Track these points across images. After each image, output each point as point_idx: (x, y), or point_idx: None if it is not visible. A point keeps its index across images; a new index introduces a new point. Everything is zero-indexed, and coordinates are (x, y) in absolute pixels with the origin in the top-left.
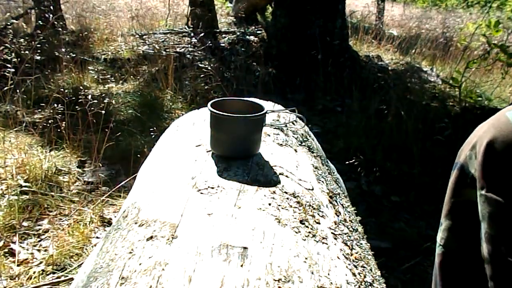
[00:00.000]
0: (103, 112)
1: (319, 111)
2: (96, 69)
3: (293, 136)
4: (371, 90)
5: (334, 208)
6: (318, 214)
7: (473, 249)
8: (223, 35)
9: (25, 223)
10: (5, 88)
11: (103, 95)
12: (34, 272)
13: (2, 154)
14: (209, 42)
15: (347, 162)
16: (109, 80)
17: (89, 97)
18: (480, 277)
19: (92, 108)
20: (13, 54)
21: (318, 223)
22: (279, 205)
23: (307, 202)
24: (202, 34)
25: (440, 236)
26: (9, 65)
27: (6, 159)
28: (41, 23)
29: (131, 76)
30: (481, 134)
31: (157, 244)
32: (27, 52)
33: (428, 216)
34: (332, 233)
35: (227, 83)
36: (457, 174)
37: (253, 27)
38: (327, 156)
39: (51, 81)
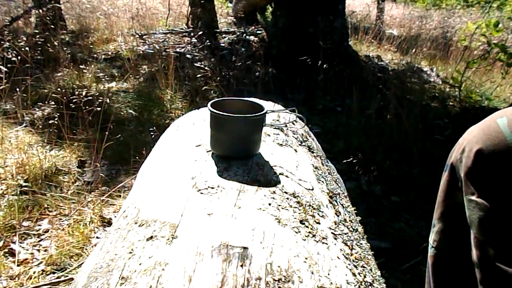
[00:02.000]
0: (103, 111)
1: (319, 111)
2: (96, 69)
3: (293, 136)
4: (371, 90)
5: (334, 208)
6: (318, 214)
7: (465, 251)
8: (223, 35)
9: (25, 223)
10: (5, 88)
11: (103, 94)
12: (34, 272)
13: (2, 154)
14: (209, 42)
15: (347, 161)
16: (109, 80)
17: (89, 96)
18: (471, 280)
19: (92, 108)
20: (13, 53)
21: (318, 223)
22: (279, 205)
23: (307, 202)
24: (202, 34)
25: (432, 238)
26: (9, 65)
27: (6, 159)
28: (41, 23)
29: (131, 76)
30: (471, 139)
31: (157, 244)
32: (27, 51)
33: (428, 216)
34: (332, 233)
35: (227, 83)
36: (449, 177)
37: (253, 27)
38: (327, 156)
39: (51, 80)
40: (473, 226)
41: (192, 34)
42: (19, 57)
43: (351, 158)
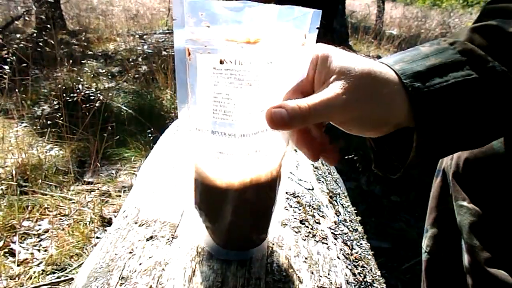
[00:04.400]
0: (103, 112)
1: None
2: (95, 69)
3: None
4: None
5: (334, 208)
6: (318, 214)
7: (457, 257)
8: None
9: (25, 223)
10: (5, 88)
11: (103, 95)
12: (34, 272)
13: (2, 154)
14: None
15: (347, 161)
16: (108, 80)
17: (89, 96)
18: (463, 285)
19: (92, 108)
20: (12, 54)
21: (318, 223)
22: None
23: (307, 202)
24: None
25: (425, 243)
26: (8, 65)
27: (6, 159)
28: (41, 23)
29: (131, 76)
30: None
31: (157, 244)
32: (26, 51)
33: None
34: (332, 233)
35: None
36: (441, 183)
37: None
38: None
39: (50, 80)
40: (464, 231)
41: None
42: (18, 57)
43: (351, 158)
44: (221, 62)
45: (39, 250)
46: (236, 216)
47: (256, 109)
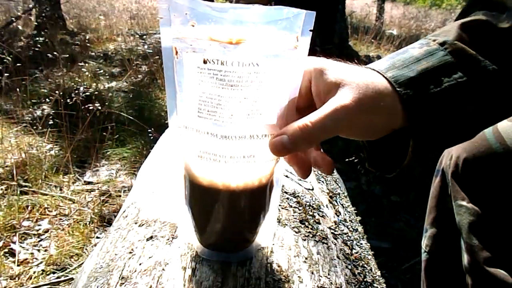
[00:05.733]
0: (103, 111)
1: None
2: (95, 69)
3: None
4: None
5: (334, 208)
6: (318, 214)
7: (457, 256)
8: None
9: (25, 223)
10: (5, 88)
11: (103, 94)
12: (34, 272)
13: (2, 154)
14: None
15: (347, 161)
16: (108, 80)
17: (89, 96)
18: (463, 284)
19: (92, 108)
20: (12, 54)
21: (318, 223)
22: (279, 205)
23: (307, 202)
24: None
25: (425, 243)
26: (8, 65)
27: (6, 159)
28: (40, 23)
29: (131, 76)
30: (458, 146)
31: (157, 244)
32: (26, 51)
33: None
34: (332, 233)
35: None
36: (440, 183)
37: None
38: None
39: (50, 80)
40: (463, 231)
41: None
42: (18, 57)
43: (351, 158)
44: (205, 62)
45: (39, 250)
46: (218, 218)
47: (241, 112)
